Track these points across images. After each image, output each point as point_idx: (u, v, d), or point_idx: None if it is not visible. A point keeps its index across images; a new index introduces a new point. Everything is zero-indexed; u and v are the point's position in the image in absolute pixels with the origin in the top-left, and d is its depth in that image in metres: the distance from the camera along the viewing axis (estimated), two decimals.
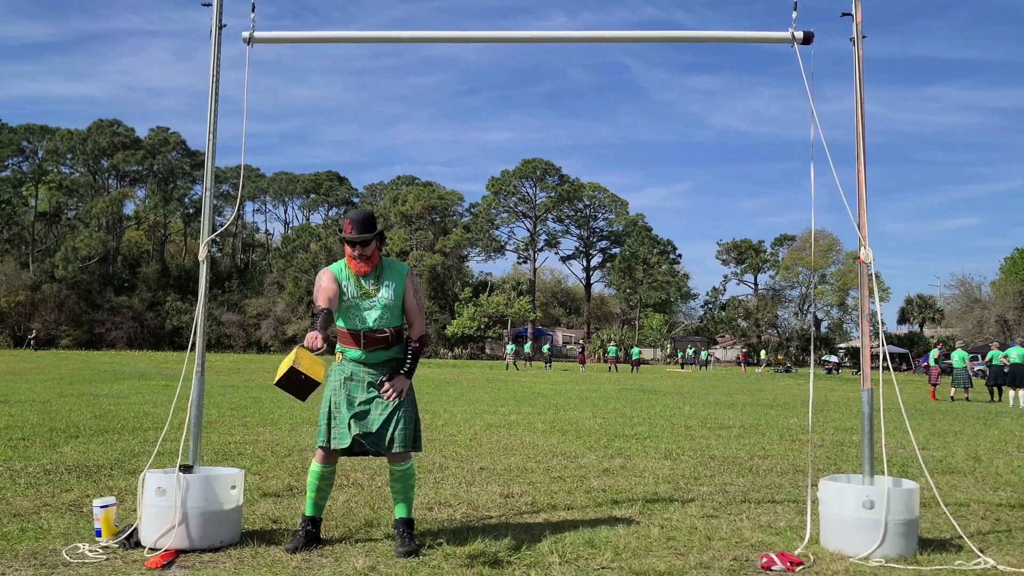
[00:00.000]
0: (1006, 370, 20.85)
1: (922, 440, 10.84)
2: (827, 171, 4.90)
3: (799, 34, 5.06)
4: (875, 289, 4.89)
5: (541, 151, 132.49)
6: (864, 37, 4.83)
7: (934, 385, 23.03)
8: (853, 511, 4.58)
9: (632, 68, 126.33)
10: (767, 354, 60.86)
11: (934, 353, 23.83)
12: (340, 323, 4.71)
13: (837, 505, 4.67)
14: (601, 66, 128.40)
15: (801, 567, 4.32)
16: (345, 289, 4.66)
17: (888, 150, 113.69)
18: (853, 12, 4.84)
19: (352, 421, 4.54)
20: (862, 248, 4.85)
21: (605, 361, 48.02)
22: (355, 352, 4.66)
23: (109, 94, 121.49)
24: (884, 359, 4.84)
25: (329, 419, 4.59)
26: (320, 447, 4.60)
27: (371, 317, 4.64)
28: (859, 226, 4.85)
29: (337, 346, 4.73)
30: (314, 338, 4.10)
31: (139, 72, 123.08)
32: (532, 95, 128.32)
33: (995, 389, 22.05)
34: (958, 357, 21.86)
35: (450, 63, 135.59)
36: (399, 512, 4.61)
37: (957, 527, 5.02)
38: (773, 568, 4.27)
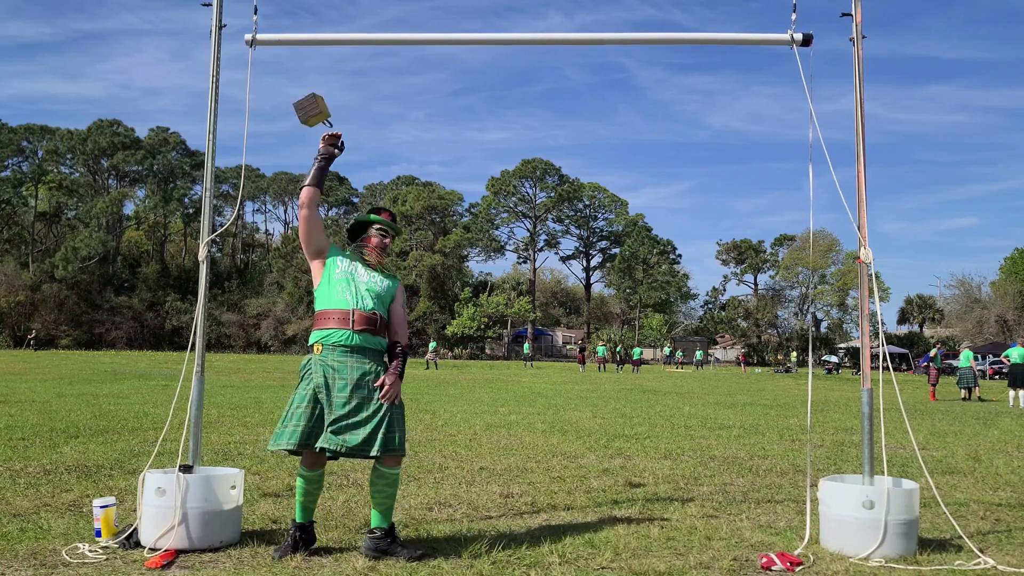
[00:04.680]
0: (1005, 370, 20.96)
1: (922, 440, 10.84)
2: (826, 171, 4.90)
3: (798, 36, 5.06)
4: (875, 289, 4.89)
5: (539, 151, 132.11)
6: (864, 37, 4.83)
7: (933, 385, 23.13)
8: (853, 511, 4.58)
9: (629, 67, 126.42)
10: (797, 355, 60.18)
11: (932, 353, 24.06)
12: (323, 304, 4.50)
13: (837, 505, 4.67)
14: (598, 65, 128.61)
15: (801, 567, 4.32)
16: (339, 264, 4.55)
17: (886, 150, 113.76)
18: (853, 12, 4.84)
19: (332, 428, 4.27)
20: (862, 248, 4.85)
21: (595, 360, 47.95)
22: (342, 333, 4.39)
23: (105, 94, 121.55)
24: (884, 359, 4.84)
25: (308, 419, 4.31)
26: (293, 449, 4.31)
27: (364, 297, 4.48)
28: (859, 227, 4.85)
29: (314, 334, 4.48)
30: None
31: (135, 72, 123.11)
32: (529, 95, 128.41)
33: (967, 390, 22.49)
34: (964, 357, 21.99)
35: (446, 63, 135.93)
36: (380, 521, 4.39)
37: (957, 527, 5.02)
38: (773, 568, 4.27)
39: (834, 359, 57.86)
